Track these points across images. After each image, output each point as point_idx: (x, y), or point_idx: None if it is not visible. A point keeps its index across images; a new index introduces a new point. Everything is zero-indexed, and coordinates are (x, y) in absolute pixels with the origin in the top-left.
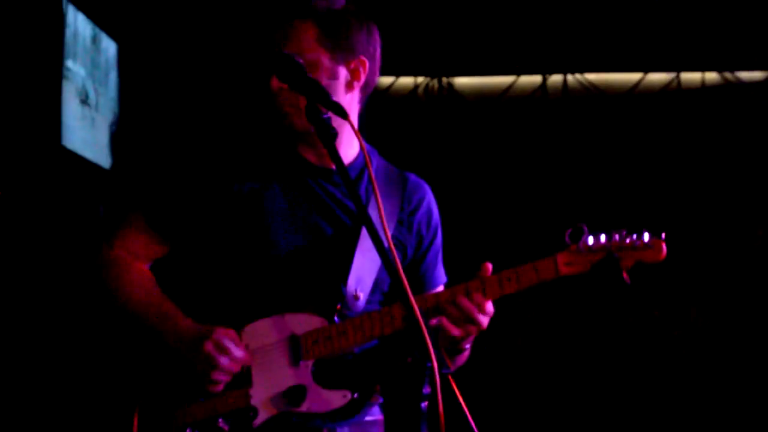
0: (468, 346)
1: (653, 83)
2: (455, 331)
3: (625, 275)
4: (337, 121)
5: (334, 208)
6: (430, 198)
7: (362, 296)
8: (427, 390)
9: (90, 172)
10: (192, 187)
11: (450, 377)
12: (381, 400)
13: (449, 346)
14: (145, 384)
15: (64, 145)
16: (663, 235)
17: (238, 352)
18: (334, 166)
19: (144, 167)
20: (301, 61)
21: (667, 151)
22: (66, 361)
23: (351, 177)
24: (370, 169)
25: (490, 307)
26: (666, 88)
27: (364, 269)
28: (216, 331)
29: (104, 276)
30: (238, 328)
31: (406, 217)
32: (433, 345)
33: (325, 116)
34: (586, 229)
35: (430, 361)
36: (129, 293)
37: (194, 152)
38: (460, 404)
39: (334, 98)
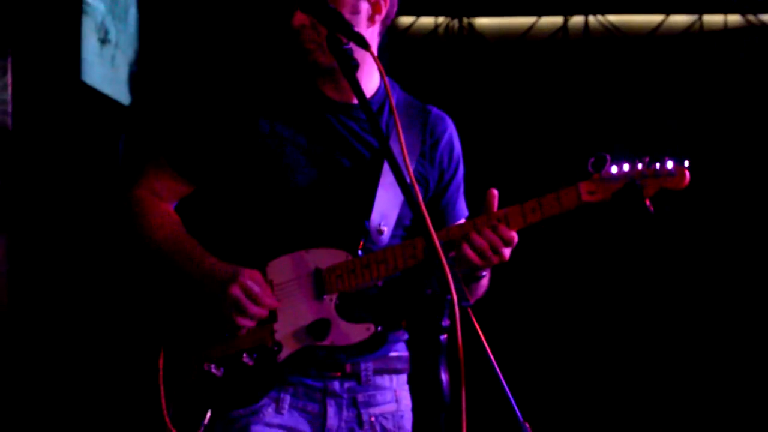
0: (485, 274)
1: (675, 25)
2: (476, 260)
3: (648, 203)
4: (358, 53)
5: (354, 143)
6: (452, 131)
7: (386, 230)
8: (446, 323)
9: (109, 108)
10: (212, 127)
11: (470, 310)
12: (406, 336)
13: (468, 273)
14: (171, 322)
15: (84, 81)
16: (686, 162)
17: (266, 298)
18: (354, 101)
19: (164, 108)
20: None
21: (688, 94)
22: (89, 298)
23: (372, 110)
24: (392, 101)
25: (514, 237)
26: (688, 30)
27: (387, 203)
28: (243, 274)
29: (129, 217)
30: (262, 265)
31: (428, 150)
32: (453, 278)
33: (347, 47)
34: (609, 157)
35: (450, 293)
36: (154, 233)
37: (213, 90)
38: (479, 337)
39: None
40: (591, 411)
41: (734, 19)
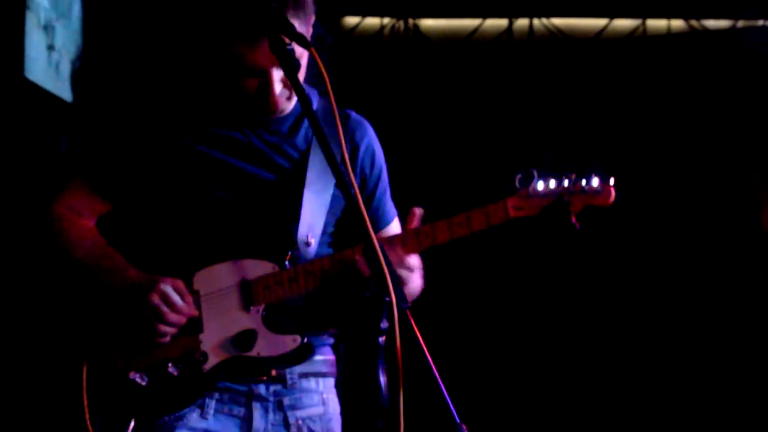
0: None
1: (619, 29)
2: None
3: (573, 219)
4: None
5: (275, 157)
6: (371, 136)
7: (314, 242)
8: (385, 325)
9: (53, 106)
10: (130, 145)
11: (408, 312)
12: (332, 341)
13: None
14: (93, 334)
15: (27, 77)
16: (612, 180)
17: (184, 305)
18: (274, 116)
19: (84, 123)
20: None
21: (631, 98)
22: (20, 302)
23: (292, 120)
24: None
25: (411, 261)
26: (632, 34)
27: (313, 214)
28: (161, 282)
29: (49, 233)
30: (189, 275)
31: (348, 156)
32: (392, 280)
33: (289, 47)
34: (536, 173)
35: (389, 295)
36: (74, 248)
37: (132, 107)
38: (417, 339)
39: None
40: (528, 411)
41: (677, 24)
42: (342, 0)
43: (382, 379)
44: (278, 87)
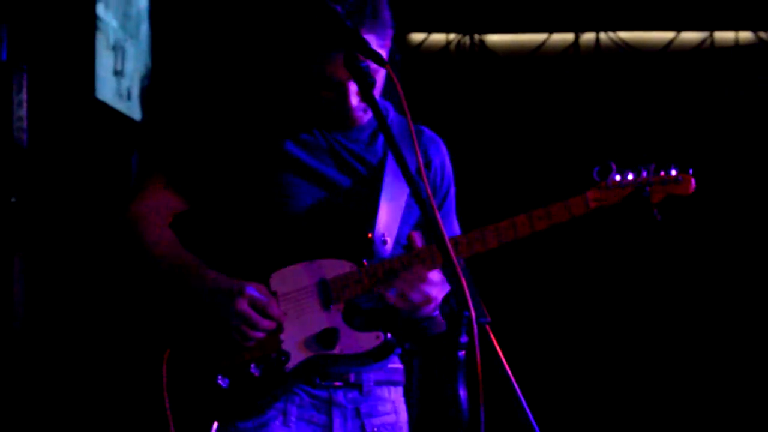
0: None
1: (686, 42)
2: (399, 303)
3: (655, 210)
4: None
5: (354, 163)
6: (444, 152)
7: (389, 241)
8: (464, 339)
9: (122, 125)
10: (213, 146)
11: (488, 326)
12: (399, 351)
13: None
14: (174, 333)
15: (97, 97)
16: (690, 170)
17: (273, 310)
18: (355, 124)
19: (165, 124)
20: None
21: (700, 111)
22: (102, 314)
23: (369, 131)
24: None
25: (432, 276)
26: (699, 46)
27: (389, 216)
28: (249, 287)
29: (127, 233)
30: (265, 276)
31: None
32: (471, 293)
33: (364, 64)
34: (614, 165)
35: (468, 309)
36: (153, 249)
37: (215, 109)
38: (497, 353)
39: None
40: (609, 422)
41: (745, 35)
42: (408, 16)
43: (463, 394)
44: (355, 100)
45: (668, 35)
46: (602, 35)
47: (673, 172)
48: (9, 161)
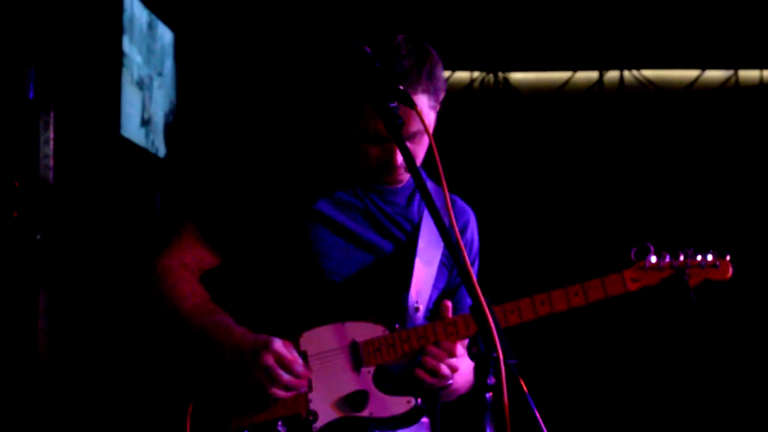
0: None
1: (711, 80)
2: (428, 378)
3: (692, 293)
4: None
5: (389, 226)
6: (473, 224)
7: (421, 308)
8: (491, 381)
9: (147, 162)
10: (248, 200)
11: (515, 368)
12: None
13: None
14: (200, 391)
15: (123, 135)
16: (728, 256)
17: (298, 367)
18: (390, 186)
19: (197, 174)
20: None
21: (724, 150)
22: (126, 352)
23: (407, 193)
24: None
25: (459, 349)
26: (724, 85)
27: (422, 283)
28: (275, 343)
29: (155, 285)
30: (295, 336)
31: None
32: (499, 335)
33: (392, 105)
34: (651, 247)
35: (496, 351)
36: (182, 303)
37: (251, 163)
38: (525, 395)
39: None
40: None
41: None
42: None
43: None
44: (401, 157)
45: (693, 74)
46: (626, 73)
47: (710, 257)
48: (35, 198)
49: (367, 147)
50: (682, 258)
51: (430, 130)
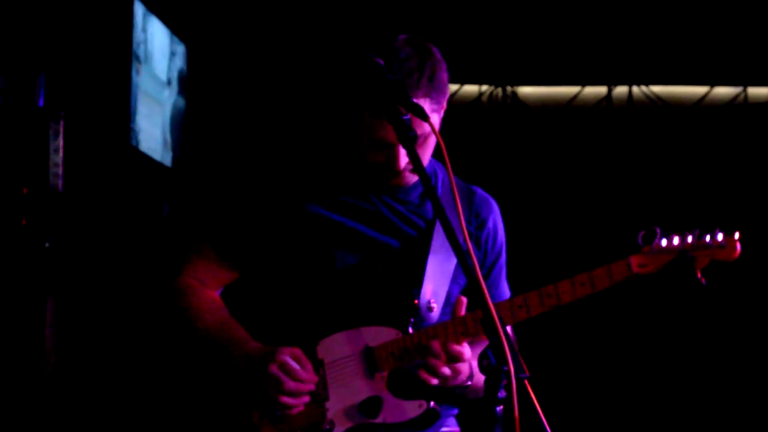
0: (458, 384)
1: (720, 97)
2: (430, 380)
3: (699, 275)
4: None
5: (401, 225)
6: (496, 214)
7: (436, 308)
8: (502, 394)
9: (156, 172)
10: (258, 212)
11: (526, 381)
12: (456, 411)
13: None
14: (219, 407)
15: (132, 144)
16: (737, 234)
17: (302, 372)
18: (401, 184)
19: (207, 192)
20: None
21: (732, 166)
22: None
23: (420, 190)
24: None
25: (461, 351)
26: (732, 102)
27: (436, 281)
28: (280, 352)
29: (173, 304)
30: (313, 344)
31: (473, 230)
32: (510, 348)
33: (405, 117)
34: (659, 230)
35: (507, 364)
36: (199, 321)
37: (258, 174)
38: (536, 409)
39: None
40: None
41: None
42: None
43: None
44: (404, 161)
45: (701, 90)
46: (635, 89)
47: (719, 237)
48: (44, 206)
49: (372, 152)
50: (690, 239)
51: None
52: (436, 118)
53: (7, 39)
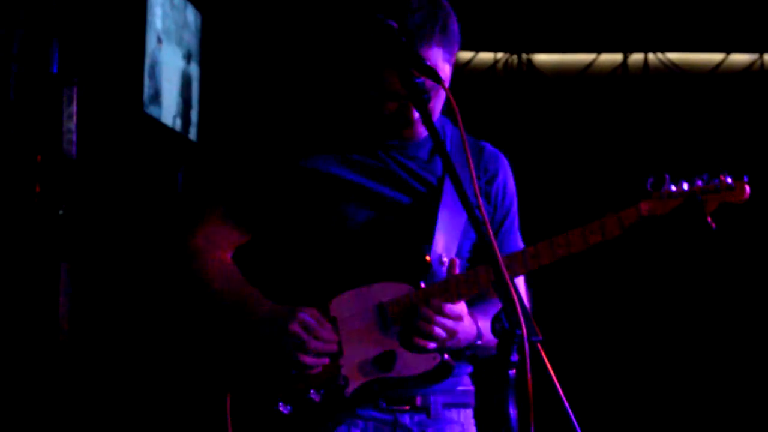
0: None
1: (735, 64)
2: (420, 342)
3: (709, 219)
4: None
5: (411, 181)
6: (506, 168)
7: (447, 261)
8: (515, 358)
9: (169, 139)
10: (268, 173)
11: (539, 345)
12: (470, 369)
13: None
14: (235, 366)
15: (146, 112)
16: (745, 177)
17: (324, 332)
18: (411, 140)
19: (222, 156)
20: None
21: (748, 132)
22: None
23: (429, 146)
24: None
25: (453, 309)
26: (749, 68)
27: (447, 235)
28: (299, 311)
29: (186, 267)
30: (326, 303)
31: (483, 185)
32: (523, 312)
33: (419, 80)
34: (668, 176)
35: (520, 328)
36: (212, 283)
37: (267, 134)
38: (548, 372)
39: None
40: None
41: None
42: None
43: (513, 412)
44: (417, 113)
45: (717, 57)
46: (651, 56)
47: (729, 180)
48: (58, 173)
49: (386, 103)
50: (699, 183)
51: (446, 83)
52: (447, 69)
53: (21, 5)
